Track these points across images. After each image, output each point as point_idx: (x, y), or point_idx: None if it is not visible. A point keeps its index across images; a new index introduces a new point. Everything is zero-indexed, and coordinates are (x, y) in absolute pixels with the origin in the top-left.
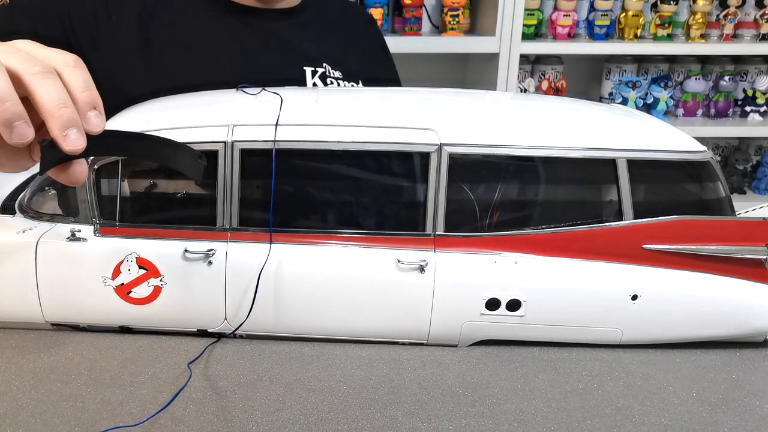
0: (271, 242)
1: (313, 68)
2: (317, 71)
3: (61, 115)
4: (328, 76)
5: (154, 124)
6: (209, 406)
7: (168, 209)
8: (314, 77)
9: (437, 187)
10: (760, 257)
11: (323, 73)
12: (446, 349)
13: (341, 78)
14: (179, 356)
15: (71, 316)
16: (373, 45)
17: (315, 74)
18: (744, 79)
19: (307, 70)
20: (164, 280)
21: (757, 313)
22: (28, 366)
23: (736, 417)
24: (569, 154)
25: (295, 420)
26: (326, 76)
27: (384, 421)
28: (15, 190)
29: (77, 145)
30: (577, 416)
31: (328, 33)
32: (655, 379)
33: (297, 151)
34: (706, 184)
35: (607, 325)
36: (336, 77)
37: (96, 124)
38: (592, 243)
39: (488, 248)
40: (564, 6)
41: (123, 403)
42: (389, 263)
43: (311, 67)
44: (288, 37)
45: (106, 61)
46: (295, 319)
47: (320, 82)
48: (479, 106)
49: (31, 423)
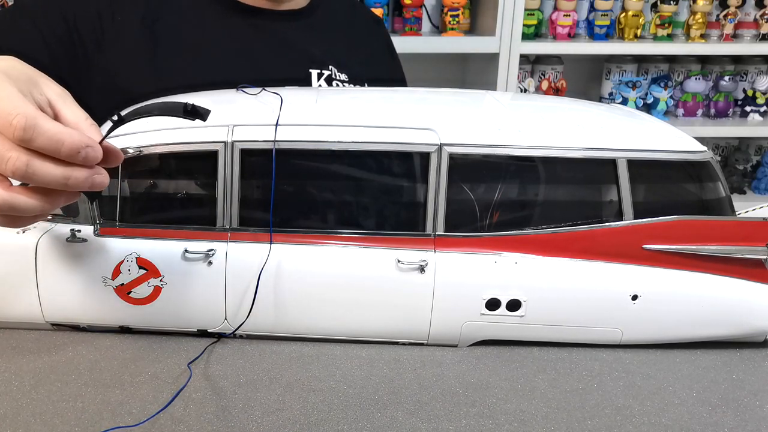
0: (271, 242)
1: (319, 70)
2: (323, 74)
3: (73, 184)
4: (334, 78)
5: (154, 124)
6: (209, 406)
7: (168, 209)
8: (320, 80)
9: (437, 187)
10: (760, 257)
11: (329, 76)
12: (446, 349)
13: (347, 81)
14: (179, 356)
15: (71, 316)
16: (381, 46)
17: (321, 77)
18: (744, 79)
19: (313, 73)
20: (164, 280)
21: (757, 313)
22: (28, 366)
23: (736, 417)
24: (569, 154)
25: (295, 420)
26: (332, 79)
27: (384, 421)
28: None
29: (104, 184)
30: (577, 416)
31: (334, 35)
32: (655, 379)
33: (297, 151)
34: (706, 184)
35: (607, 325)
36: (342, 80)
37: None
38: (592, 243)
39: (488, 248)
40: (564, 6)
41: (123, 403)
42: (389, 263)
43: (317, 70)
44: (294, 39)
45: (110, 62)
46: (295, 319)
47: (326, 84)
48: (479, 106)
49: (31, 423)
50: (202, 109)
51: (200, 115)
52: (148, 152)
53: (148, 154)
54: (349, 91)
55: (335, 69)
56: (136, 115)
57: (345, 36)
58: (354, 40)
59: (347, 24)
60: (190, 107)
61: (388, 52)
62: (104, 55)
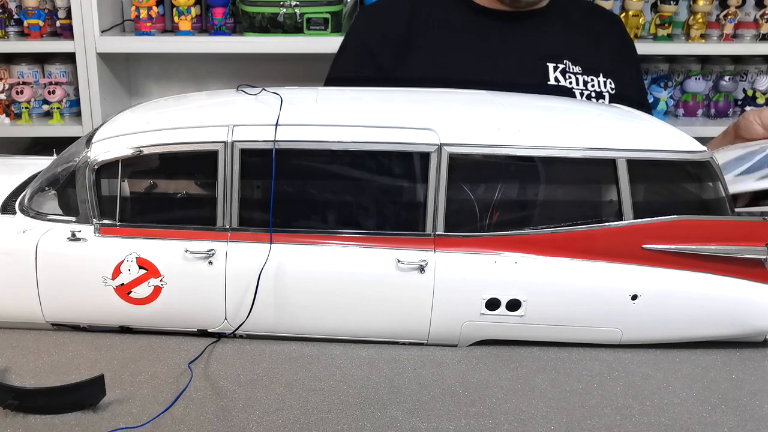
0: (271, 242)
1: (555, 64)
2: (558, 67)
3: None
4: (568, 71)
5: (154, 124)
6: (209, 406)
7: (168, 209)
8: (555, 72)
9: (437, 187)
10: (760, 257)
11: (563, 69)
12: (446, 349)
13: (580, 72)
14: (179, 356)
15: (71, 316)
16: (617, 43)
17: (556, 69)
18: (744, 79)
19: (549, 66)
20: (164, 280)
21: (757, 313)
22: (28, 366)
23: (736, 417)
24: (569, 154)
25: (295, 420)
26: (566, 71)
27: (384, 421)
28: (15, 190)
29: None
30: (577, 416)
31: (570, 31)
32: (655, 379)
33: (297, 151)
34: (706, 184)
35: (607, 325)
36: (575, 72)
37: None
38: (592, 243)
39: (488, 248)
40: None
41: (123, 403)
42: (389, 263)
43: (553, 63)
44: (531, 36)
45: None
46: (295, 319)
47: (561, 76)
48: (479, 106)
49: (32, 423)
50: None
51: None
52: (148, 152)
53: (148, 154)
54: (349, 91)
55: (569, 62)
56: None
57: (581, 32)
58: (590, 36)
59: (584, 22)
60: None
61: (628, 48)
62: (389, 59)
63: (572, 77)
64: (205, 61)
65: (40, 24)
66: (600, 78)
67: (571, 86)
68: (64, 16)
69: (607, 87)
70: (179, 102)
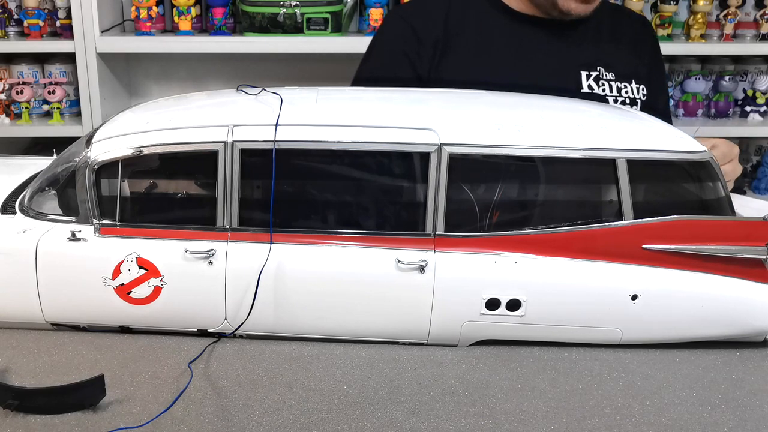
0: (271, 242)
1: (588, 72)
2: (591, 74)
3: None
4: (601, 78)
5: (154, 124)
6: (209, 406)
7: (168, 209)
8: (588, 80)
9: (437, 187)
10: (760, 257)
11: (597, 76)
12: (446, 349)
13: (613, 79)
14: (179, 356)
15: (71, 316)
16: (649, 48)
17: (589, 77)
18: (744, 79)
19: (583, 74)
20: (164, 280)
21: (757, 313)
22: (28, 366)
23: (736, 417)
24: (569, 154)
25: (295, 420)
26: (599, 78)
27: (384, 421)
28: (15, 190)
29: None
30: (577, 416)
31: (604, 37)
32: (655, 379)
33: (297, 151)
34: (706, 184)
35: (607, 325)
36: (609, 78)
37: None
38: (592, 243)
39: (488, 248)
40: None
41: (123, 403)
42: (389, 263)
43: (586, 71)
44: (566, 44)
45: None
46: (295, 319)
47: (594, 83)
48: (479, 106)
49: (32, 423)
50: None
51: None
52: (148, 152)
53: (148, 154)
54: (349, 91)
55: (602, 69)
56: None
57: (613, 39)
58: (621, 42)
59: (615, 28)
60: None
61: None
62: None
63: (605, 84)
64: (205, 61)
65: (40, 24)
66: (633, 84)
67: (605, 93)
68: (64, 16)
69: (639, 93)
70: (179, 102)
